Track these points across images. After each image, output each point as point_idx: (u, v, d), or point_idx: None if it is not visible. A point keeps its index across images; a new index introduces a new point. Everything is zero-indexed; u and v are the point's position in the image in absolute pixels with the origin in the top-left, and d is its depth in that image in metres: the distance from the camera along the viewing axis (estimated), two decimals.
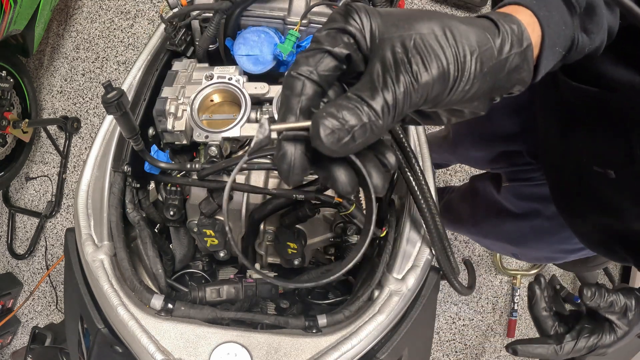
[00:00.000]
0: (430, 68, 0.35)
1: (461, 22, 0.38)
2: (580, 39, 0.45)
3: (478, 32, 0.38)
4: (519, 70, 0.40)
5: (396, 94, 0.35)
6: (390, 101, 0.35)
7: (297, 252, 0.85)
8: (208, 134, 0.79)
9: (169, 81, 0.90)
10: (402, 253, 0.77)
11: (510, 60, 0.39)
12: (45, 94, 2.37)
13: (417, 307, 0.76)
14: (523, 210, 1.19)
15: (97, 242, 0.76)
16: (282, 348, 0.66)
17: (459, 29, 0.37)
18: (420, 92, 0.36)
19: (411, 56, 0.35)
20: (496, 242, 1.40)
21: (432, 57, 0.36)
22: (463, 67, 0.36)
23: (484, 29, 0.38)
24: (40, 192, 2.30)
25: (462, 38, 0.37)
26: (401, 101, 0.35)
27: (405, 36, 0.36)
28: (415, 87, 0.35)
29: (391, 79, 0.35)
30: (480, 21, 0.39)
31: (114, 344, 0.71)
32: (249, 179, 0.86)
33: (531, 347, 0.69)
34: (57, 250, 2.27)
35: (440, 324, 2.28)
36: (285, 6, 0.98)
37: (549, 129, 0.89)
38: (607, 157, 0.73)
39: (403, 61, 0.35)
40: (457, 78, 0.37)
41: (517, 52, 0.39)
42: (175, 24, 0.96)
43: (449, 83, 0.37)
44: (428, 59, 0.35)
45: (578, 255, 1.18)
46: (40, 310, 2.23)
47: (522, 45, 0.39)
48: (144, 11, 2.44)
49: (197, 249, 1.01)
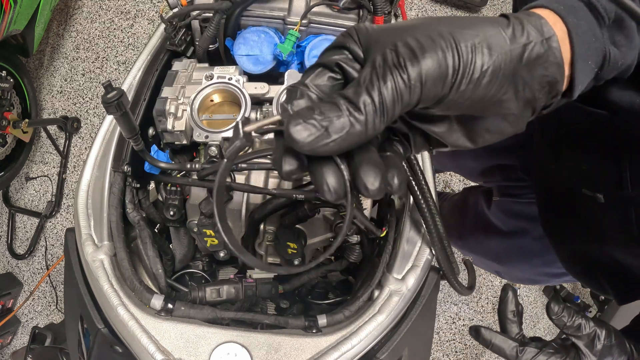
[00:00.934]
0: (422, 60, 0.32)
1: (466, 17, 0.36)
2: (611, 52, 0.41)
3: (482, 22, 0.35)
4: (543, 64, 0.35)
5: (381, 90, 0.32)
6: (376, 97, 0.32)
7: (297, 252, 0.85)
8: (208, 134, 0.79)
9: (169, 81, 0.90)
10: (402, 253, 0.77)
11: (529, 49, 0.34)
12: (45, 94, 2.37)
13: (417, 307, 0.76)
14: (510, 228, 1.19)
15: (97, 242, 0.76)
16: (282, 348, 0.66)
17: (457, 21, 0.35)
18: (412, 88, 0.33)
19: (401, 52, 0.33)
20: (481, 258, 1.40)
21: (425, 48, 0.33)
22: (465, 56, 0.33)
23: (490, 20, 0.35)
24: (40, 192, 2.30)
25: (461, 28, 0.34)
26: (389, 98, 0.32)
27: (398, 38, 0.34)
28: (406, 82, 0.32)
29: (377, 76, 0.33)
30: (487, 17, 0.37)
31: (114, 344, 0.71)
32: (249, 179, 0.86)
33: (494, 335, 0.66)
34: (57, 250, 2.27)
35: (440, 324, 2.28)
36: (285, 6, 0.98)
37: (543, 147, 0.88)
38: (597, 181, 0.72)
39: (393, 59, 0.33)
40: (457, 67, 0.33)
41: (536, 41, 0.35)
42: (175, 24, 0.96)
43: (447, 75, 0.33)
44: (419, 52, 0.32)
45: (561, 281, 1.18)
46: (40, 310, 2.23)
47: (542, 35, 0.35)
48: (144, 11, 2.44)
49: (197, 249, 1.01)
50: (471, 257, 1.47)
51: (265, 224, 0.88)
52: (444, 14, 2.55)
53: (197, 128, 0.80)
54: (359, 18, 0.97)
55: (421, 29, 0.34)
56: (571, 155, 0.76)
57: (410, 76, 0.32)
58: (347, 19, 0.98)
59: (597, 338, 0.63)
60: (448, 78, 0.33)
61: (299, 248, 0.84)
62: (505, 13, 0.37)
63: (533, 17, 0.36)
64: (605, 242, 0.77)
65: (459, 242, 1.44)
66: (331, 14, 0.98)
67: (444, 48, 0.33)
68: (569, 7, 0.39)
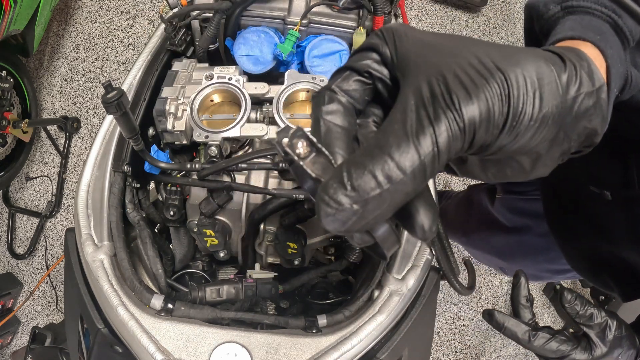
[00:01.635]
0: (477, 101, 0.28)
1: (515, 48, 0.31)
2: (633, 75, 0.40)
3: (537, 62, 0.30)
4: (589, 117, 0.32)
5: (437, 136, 0.27)
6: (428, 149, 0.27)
7: (297, 252, 0.85)
8: (208, 134, 0.79)
9: (169, 81, 0.90)
10: (402, 253, 0.77)
11: (579, 102, 0.31)
12: (45, 94, 2.36)
13: (417, 307, 0.76)
14: (514, 224, 1.19)
15: (97, 242, 0.76)
16: (282, 348, 0.66)
17: (513, 56, 0.30)
18: (467, 135, 0.28)
19: (453, 88, 0.28)
20: (485, 254, 1.40)
21: (478, 86, 0.28)
22: (515, 103, 0.28)
23: (544, 58, 0.31)
24: (40, 192, 2.30)
25: (516, 66, 0.29)
26: (444, 144, 0.27)
27: (444, 65, 0.29)
28: (460, 127, 0.28)
29: (428, 117, 0.28)
30: (544, 53, 0.32)
31: (114, 344, 0.71)
32: (249, 179, 0.86)
33: (507, 319, 0.65)
34: (57, 250, 2.26)
35: (440, 324, 2.28)
36: (285, 6, 0.98)
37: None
38: (604, 179, 0.72)
39: (444, 95, 0.28)
40: (507, 115, 0.29)
41: (587, 92, 0.31)
42: (175, 24, 0.96)
43: (498, 124, 0.29)
44: (472, 90, 0.28)
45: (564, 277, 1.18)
46: (40, 310, 2.23)
47: (593, 84, 0.31)
48: (144, 11, 2.44)
49: (197, 249, 1.01)
50: (476, 253, 1.47)
51: (265, 224, 0.88)
52: (444, 14, 2.55)
53: (197, 128, 0.80)
54: (359, 18, 0.97)
55: (467, 56, 0.30)
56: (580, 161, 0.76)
57: (465, 121, 0.28)
58: (347, 19, 0.98)
59: (608, 328, 0.63)
60: (497, 127, 0.29)
61: (299, 248, 0.84)
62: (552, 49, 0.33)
63: (583, 59, 0.32)
64: (611, 239, 0.77)
65: (464, 238, 1.45)
66: (331, 14, 0.98)
67: (496, 90, 0.28)
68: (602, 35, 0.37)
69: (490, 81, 0.28)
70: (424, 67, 0.30)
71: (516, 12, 2.67)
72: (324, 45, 0.96)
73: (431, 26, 2.53)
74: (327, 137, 0.33)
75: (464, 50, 0.30)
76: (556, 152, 0.33)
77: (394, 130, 0.28)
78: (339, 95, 0.34)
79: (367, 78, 0.35)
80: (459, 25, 2.56)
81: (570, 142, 0.33)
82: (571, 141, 0.33)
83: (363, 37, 0.95)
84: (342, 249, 0.92)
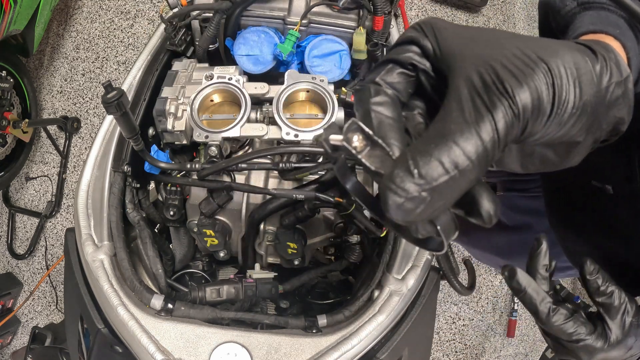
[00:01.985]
0: (528, 88, 0.29)
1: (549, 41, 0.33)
2: None
3: (573, 53, 0.31)
4: (618, 106, 0.33)
5: (495, 121, 0.28)
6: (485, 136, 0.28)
7: (297, 252, 0.85)
8: (208, 134, 0.79)
9: (169, 81, 0.90)
10: (402, 253, 0.77)
11: (610, 91, 0.32)
12: (45, 94, 2.37)
13: (417, 307, 0.76)
14: (515, 223, 1.19)
15: (97, 242, 0.76)
16: (282, 348, 0.66)
17: (551, 47, 0.31)
18: (522, 121, 0.29)
19: (503, 77, 0.29)
20: (485, 254, 1.40)
21: (526, 78, 0.29)
22: (560, 89, 0.30)
23: (578, 50, 0.32)
24: (40, 192, 2.30)
25: (556, 57, 0.30)
26: (503, 130, 0.29)
27: (488, 54, 0.30)
28: (515, 112, 0.29)
29: (485, 105, 0.29)
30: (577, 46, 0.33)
31: (114, 344, 0.71)
32: (249, 179, 0.86)
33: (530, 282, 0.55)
34: (57, 250, 2.26)
35: (440, 324, 2.28)
36: (285, 6, 0.98)
37: None
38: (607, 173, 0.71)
39: (495, 82, 0.29)
40: (553, 103, 0.30)
41: (617, 81, 0.33)
42: (175, 24, 0.96)
43: (547, 109, 0.30)
44: (522, 78, 0.29)
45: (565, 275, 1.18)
46: (40, 310, 2.23)
47: (621, 75, 0.33)
48: (144, 11, 2.44)
49: (197, 249, 1.01)
50: (476, 252, 1.47)
51: (265, 224, 0.88)
52: (444, 14, 2.55)
53: (197, 128, 0.80)
54: (358, 18, 0.97)
55: (509, 47, 0.31)
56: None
57: (519, 107, 0.29)
58: (347, 19, 0.98)
59: (626, 313, 0.56)
60: (545, 114, 0.30)
61: (299, 248, 0.84)
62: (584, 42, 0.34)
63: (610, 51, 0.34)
64: (613, 235, 0.76)
65: (464, 237, 1.44)
66: (331, 14, 0.98)
67: (542, 78, 0.29)
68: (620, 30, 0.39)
69: (536, 70, 0.29)
70: (471, 58, 0.31)
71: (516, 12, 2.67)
72: (324, 45, 0.96)
73: None
74: (381, 129, 0.33)
75: (506, 43, 0.31)
76: (590, 140, 0.34)
77: (453, 119, 0.29)
78: (384, 88, 0.34)
79: (411, 70, 0.35)
80: None
81: (601, 131, 0.34)
82: (602, 130, 0.34)
83: (363, 37, 0.95)
84: (342, 249, 0.92)
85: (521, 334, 2.29)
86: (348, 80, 1.04)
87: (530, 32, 2.67)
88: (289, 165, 0.80)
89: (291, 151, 0.77)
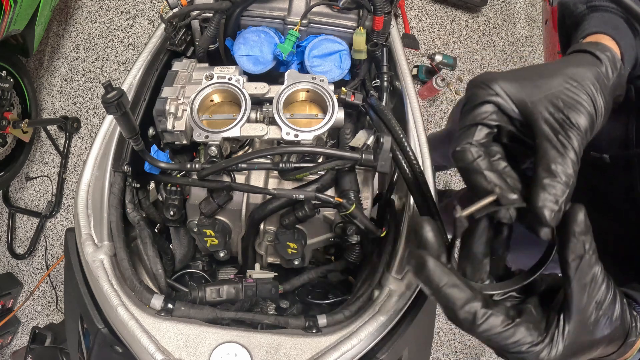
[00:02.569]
0: (584, 116, 0.43)
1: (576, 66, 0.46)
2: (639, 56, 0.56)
3: (592, 71, 0.46)
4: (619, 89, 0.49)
5: (575, 147, 0.42)
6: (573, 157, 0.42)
7: (297, 252, 0.85)
8: (208, 134, 0.79)
9: (169, 81, 0.90)
10: (402, 253, 0.77)
11: (613, 82, 0.47)
12: (45, 94, 2.36)
13: (417, 307, 0.76)
14: None
15: (97, 242, 0.76)
16: (282, 348, 0.66)
17: (580, 75, 0.45)
18: (582, 133, 0.43)
19: (567, 112, 0.43)
20: None
21: (579, 107, 0.43)
22: (597, 105, 0.44)
23: (592, 65, 0.47)
24: (40, 192, 2.30)
25: (587, 81, 0.45)
26: (578, 149, 0.43)
27: (548, 96, 0.44)
28: (582, 136, 0.43)
29: (565, 138, 0.43)
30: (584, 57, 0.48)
31: (114, 344, 0.71)
32: (249, 179, 0.86)
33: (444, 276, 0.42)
34: (57, 250, 2.26)
35: (440, 324, 2.28)
36: (285, 6, 0.98)
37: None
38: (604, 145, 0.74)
39: (563, 120, 0.43)
40: (596, 116, 0.44)
41: (617, 73, 0.47)
42: (175, 24, 0.96)
43: (595, 122, 0.44)
44: (578, 110, 0.43)
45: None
46: (40, 310, 2.23)
47: (617, 67, 0.47)
48: (144, 11, 2.44)
49: (197, 249, 1.01)
50: None
51: (265, 224, 0.88)
52: (444, 14, 2.55)
53: (197, 128, 0.80)
54: (358, 18, 0.97)
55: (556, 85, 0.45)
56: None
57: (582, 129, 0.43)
58: (347, 19, 0.98)
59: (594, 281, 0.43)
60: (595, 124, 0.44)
61: (299, 248, 0.84)
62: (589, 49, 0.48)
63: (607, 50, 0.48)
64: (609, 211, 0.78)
65: None
66: (331, 14, 0.98)
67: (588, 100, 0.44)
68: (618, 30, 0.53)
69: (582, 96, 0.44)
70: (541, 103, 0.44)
71: (516, 12, 2.68)
72: (324, 45, 0.96)
73: (431, 26, 2.53)
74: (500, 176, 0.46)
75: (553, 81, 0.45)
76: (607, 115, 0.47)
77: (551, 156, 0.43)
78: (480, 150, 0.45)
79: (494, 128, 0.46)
80: (459, 25, 2.56)
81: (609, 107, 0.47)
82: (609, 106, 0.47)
83: (363, 37, 0.95)
84: (342, 249, 0.92)
85: None
86: (348, 80, 1.04)
87: (530, 32, 2.67)
88: (289, 165, 0.80)
89: (291, 151, 0.77)
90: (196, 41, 1.02)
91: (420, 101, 2.39)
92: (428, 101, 2.46)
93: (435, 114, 2.45)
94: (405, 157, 0.76)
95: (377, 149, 0.72)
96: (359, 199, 0.81)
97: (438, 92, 2.32)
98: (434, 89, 2.24)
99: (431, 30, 2.53)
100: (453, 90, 2.44)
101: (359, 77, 1.04)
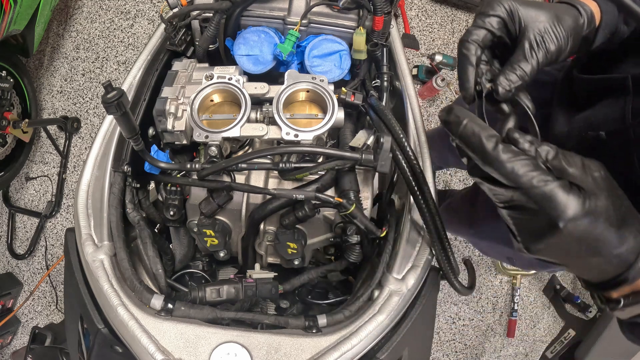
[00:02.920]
0: (554, 44, 0.58)
1: (563, 13, 0.60)
2: (621, 28, 0.68)
3: (572, 19, 0.60)
4: (587, 40, 0.63)
5: (539, 58, 0.57)
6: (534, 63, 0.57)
7: (297, 252, 0.85)
8: (208, 134, 0.79)
9: (169, 81, 0.90)
10: (402, 253, 0.77)
11: (585, 34, 0.62)
12: (45, 94, 2.37)
13: (417, 307, 0.76)
14: None
15: (97, 242, 0.76)
16: (282, 348, 0.66)
17: (563, 19, 0.59)
18: (549, 56, 0.58)
19: (545, 37, 0.58)
20: (493, 245, 1.40)
21: (553, 38, 0.58)
22: (566, 42, 0.59)
23: (574, 16, 0.61)
24: (40, 192, 2.30)
25: (565, 24, 0.59)
26: (540, 61, 0.57)
27: (538, 24, 0.58)
28: (547, 56, 0.58)
29: (535, 52, 0.57)
30: (568, 9, 0.61)
31: (114, 344, 0.71)
32: (249, 179, 0.86)
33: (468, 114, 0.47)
34: (57, 250, 2.26)
35: (440, 324, 2.28)
36: (285, 6, 0.98)
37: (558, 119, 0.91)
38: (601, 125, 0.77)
39: (540, 42, 0.58)
40: (563, 49, 0.59)
41: (590, 29, 0.62)
42: (175, 24, 0.96)
43: (561, 52, 0.59)
44: (551, 39, 0.58)
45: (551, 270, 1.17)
46: (40, 310, 2.23)
47: (591, 25, 0.62)
48: (144, 11, 2.44)
49: (197, 249, 1.01)
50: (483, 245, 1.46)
51: (265, 224, 0.88)
52: (444, 14, 2.55)
53: (197, 128, 0.80)
54: (358, 18, 0.97)
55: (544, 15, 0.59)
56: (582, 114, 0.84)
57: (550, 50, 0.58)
58: (347, 19, 0.98)
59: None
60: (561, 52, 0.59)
61: (299, 248, 0.84)
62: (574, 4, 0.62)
63: (588, 10, 0.62)
64: None
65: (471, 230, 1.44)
66: (331, 14, 0.98)
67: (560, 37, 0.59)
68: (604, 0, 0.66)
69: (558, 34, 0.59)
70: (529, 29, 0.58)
71: None
72: (324, 45, 0.96)
73: (431, 26, 2.53)
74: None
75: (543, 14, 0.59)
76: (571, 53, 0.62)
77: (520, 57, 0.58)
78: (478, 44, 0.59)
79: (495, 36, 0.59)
80: (459, 25, 2.56)
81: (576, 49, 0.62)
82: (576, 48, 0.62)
83: (363, 37, 0.95)
84: (342, 249, 0.92)
85: (521, 334, 2.29)
86: (348, 80, 1.04)
87: None
88: (289, 165, 0.80)
89: (291, 151, 0.77)
90: (196, 41, 1.02)
91: (420, 101, 2.39)
92: (428, 101, 2.46)
93: (435, 114, 2.45)
94: (405, 157, 0.76)
95: (377, 149, 0.72)
96: (359, 199, 0.81)
97: (438, 92, 2.33)
98: (434, 89, 2.24)
99: (431, 30, 2.53)
100: (453, 90, 2.44)
101: (359, 77, 1.05)
